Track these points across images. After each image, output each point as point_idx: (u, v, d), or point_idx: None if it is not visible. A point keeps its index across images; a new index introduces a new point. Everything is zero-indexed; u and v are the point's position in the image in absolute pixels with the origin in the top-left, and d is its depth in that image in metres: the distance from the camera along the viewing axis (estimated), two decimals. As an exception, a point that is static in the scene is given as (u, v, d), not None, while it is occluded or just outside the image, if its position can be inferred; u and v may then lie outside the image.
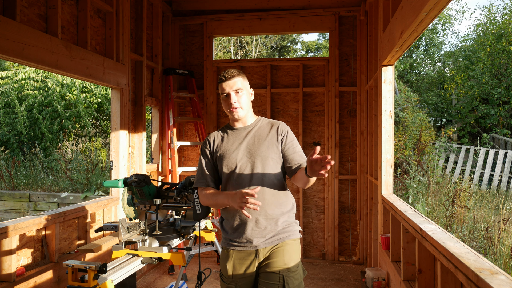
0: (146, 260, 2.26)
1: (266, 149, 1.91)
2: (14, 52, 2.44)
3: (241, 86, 1.92)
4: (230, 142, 1.96)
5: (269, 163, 1.90)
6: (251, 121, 2.00)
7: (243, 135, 1.96)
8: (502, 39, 11.96)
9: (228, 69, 1.99)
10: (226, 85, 1.91)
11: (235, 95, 1.91)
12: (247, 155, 1.91)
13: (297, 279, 1.87)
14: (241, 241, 1.90)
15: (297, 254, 1.92)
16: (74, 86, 9.22)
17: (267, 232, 1.87)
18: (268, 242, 1.88)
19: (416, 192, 6.69)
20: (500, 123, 11.90)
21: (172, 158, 4.53)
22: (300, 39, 21.09)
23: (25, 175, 8.00)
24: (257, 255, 1.88)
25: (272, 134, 1.95)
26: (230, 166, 1.91)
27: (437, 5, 1.79)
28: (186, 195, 2.32)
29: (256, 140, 1.93)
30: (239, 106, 1.92)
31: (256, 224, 1.86)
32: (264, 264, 1.87)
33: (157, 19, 4.67)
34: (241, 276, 1.90)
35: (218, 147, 1.98)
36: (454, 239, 1.86)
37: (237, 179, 1.89)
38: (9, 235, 2.52)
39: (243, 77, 1.96)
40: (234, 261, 1.91)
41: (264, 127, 1.98)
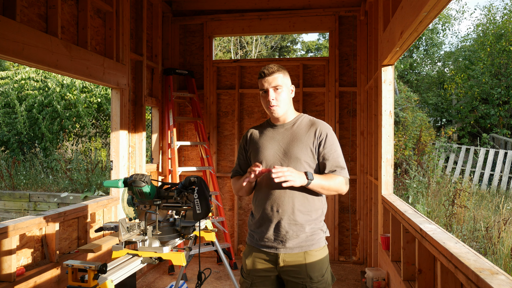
0: (146, 260, 2.26)
1: (300, 151, 1.83)
2: (14, 52, 2.44)
3: (281, 83, 1.84)
4: (266, 139, 1.91)
5: (301, 166, 1.82)
6: (290, 119, 1.92)
7: (280, 132, 1.90)
8: (502, 39, 11.96)
9: (269, 64, 1.94)
10: (265, 81, 1.85)
11: (274, 92, 1.84)
12: (280, 154, 1.85)
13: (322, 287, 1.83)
14: (262, 241, 1.87)
15: (321, 263, 1.86)
16: (74, 86, 9.22)
17: (288, 237, 1.81)
18: (289, 249, 1.82)
19: (416, 192, 6.69)
20: (500, 123, 11.90)
21: (172, 158, 4.53)
22: (300, 39, 21.10)
23: (25, 175, 8.00)
24: (277, 260, 1.84)
25: (309, 136, 1.85)
26: (260, 162, 1.86)
27: (437, 5, 1.79)
28: (186, 195, 2.32)
29: (292, 140, 1.86)
30: (277, 104, 1.84)
31: (277, 227, 1.82)
32: (287, 270, 1.83)
33: (157, 19, 4.67)
34: (257, 274, 1.88)
35: (253, 143, 1.95)
36: (454, 239, 1.86)
37: (265, 177, 1.85)
38: (9, 235, 2.52)
39: (284, 73, 1.88)
40: (253, 258, 1.89)
41: (303, 126, 1.89)
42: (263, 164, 1.87)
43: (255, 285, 1.89)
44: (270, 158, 1.86)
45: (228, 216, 5.00)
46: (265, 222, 1.85)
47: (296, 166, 1.81)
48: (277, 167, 1.69)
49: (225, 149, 5.04)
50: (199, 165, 4.99)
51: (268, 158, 1.86)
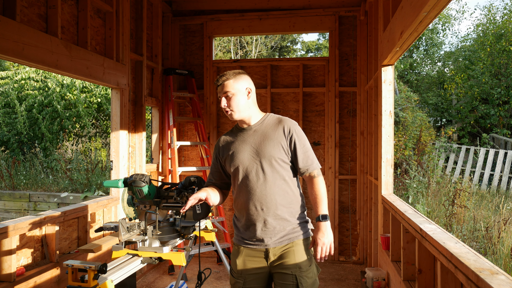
0: (146, 260, 2.26)
1: (272, 149, 1.89)
2: (14, 52, 2.44)
3: (230, 89, 1.90)
4: (237, 143, 1.96)
5: (275, 163, 1.89)
6: (256, 120, 1.98)
7: (249, 134, 1.96)
8: (502, 39, 11.96)
9: (225, 71, 2.01)
10: (219, 90, 1.94)
11: (225, 99, 1.92)
12: (253, 155, 1.91)
13: (310, 277, 1.90)
14: (251, 240, 1.92)
15: (308, 253, 1.94)
16: (74, 86, 9.22)
17: (276, 232, 1.89)
18: (278, 242, 1.89)
19: (416, 192, 6.68)
20: (500, 123, 11.90)
21: (172, 158, 4.53)
22: (300, 39, 21.10)
23: (25, 175, 8.00)
24: (268, 254, 1.90)
25: (278, 133, 1.92)
26: (235, 168, 1.93)
27: (437, 5, 1.79)
28: (186, 195, 2.32)
29: (262, 139, 1.92)
30: (230, 110, 1.92)
31: (265, 225, 1.89)
32: (277, 264, 1.90)
33: (157, 19, 4.67)
34: (249, 273, 1.93)
35: (225, 150, 2.00)
36: (454, 239, 1.86)
37: (244, 180, 1.92)
38: (9, 235, 2.52)
39: (235, 78, 1.92)
40: (244, 257, 1.94)
41: (270, 125, 1.95)
42: (240, 167, 1.92)
43: (248, 283, 1.93)
44: (245, 160, 1.92)
45: (228, 216, 5.00)
46: (252, 223, 1.91)
47: (270, 163, 1.88)
48: (318, 250, 1.87)
49: (225, 149, 5.04)
50: (199, 165, 4.99)
51: (242, 161, 1.92)
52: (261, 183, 1.88)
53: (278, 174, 1.90)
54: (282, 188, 1.90)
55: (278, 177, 1.90)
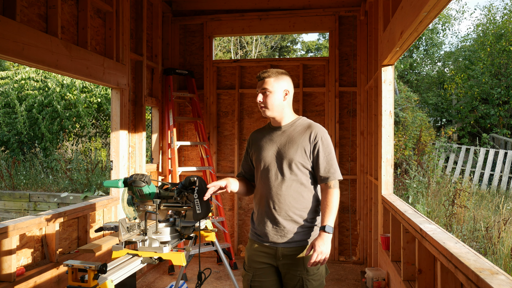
0: (146, 260, 2.26)
1: (294, 153, 1.93)
2: (14, 52, 2.44)
3: (269, 87, 1.96)
4: (265, 140, 2.03)
5: (294, 167, 1.93)
6: (287, 121, 2.02)
7: (278, 134, 2.01)
8: (502, 39, 11.96)
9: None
10: (258, 84, 2.01)
11: (262, 95, 1.98)
12: (275, 155, 1.97)
13: (316, 280, 1.94)
14: (262, 236, 1.98)
15: None
16: (74, 86, 9.22)
17: (286, 232, 1.93)
18: (287, 243, 1.93)
19: (416, 192, 6.68)
20: (500, 123, 11.90)
21: (172, 158, 4.53)
22: (300, 39, 21.10)
23: (25, 175, 8.00)
24: (277, 253, 1.95)
25: (304, 138, 1.94)
26: (259, 163, 2.01)
27: (437, 5, 1.79)
28: (186, 195, 2.32)
29: (287, 141, 1.96)
30: (264, 106, 1.98)
31: (276, 223, 1.94)
32: (285, 263, 1.94)
33: (157, 19, 4.67)
34: (258, 267, 1.99)
35: (255, 145, 2.07)
36: (454, 239, 1.86)
37: (263, 177, 1.98)
38: (9, 235, 2.52)
39: (277, 77, 1.97)
40: (255, 252, 2.00)
41: (299, 129, 1.98)
42: (262, 164, 1.99)
43: (256, 276, 2.00)
44: (267, 158, 1.98)
45: (228, 216, 5.00)
46: (264, 219, 1.97)
47: (290, 166, 1.93)
48: (313, 256, 1.82)
49: (225, 149, 5.04)
50: (199, 165, 4.99)
51: (265, 158, 1.99)
52: (278, 183, 1.93)
53: (296, 177, 1.93)
54: (298, 191, 1.93)
55: (295, 180, 1.93)
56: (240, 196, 2.10)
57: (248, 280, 2.01)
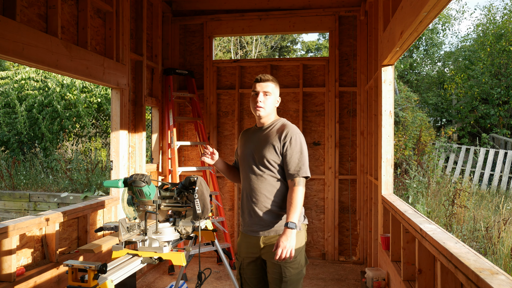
0: (146, 260, 2.26)
1: (266, 150, 2.13)
2: (14, 52, 2.44)
3: (271, 91, 2.16)
4: (247, 139, 2.25)
5: (267, 163, 2.12)
6: (268, 122, 2.22)
7: (257, 134, 2.22)
8: (502, 39, 11.96)
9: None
10: (259, 85, 2.16)
11: (263, 96, 2.15)
12: (252, 152, 2.17)
13: (294, 268, 2.08)
14: (245, 226, 2.20)
15: (296, 245, 2.05)
16: (74, 86, 9.22)
17: (264, 223, 2.12)
18: (267, 232, 2.12)
19: (416, 192, 6.68)
20: (500, 123, 11.90)
21: (172, 158, 4.53)
22: (300, 39, 21.10)
23: (25, 175, 8.00)
24: (258, 242, 2.13)
25: (276, 137, 2.13)
26: (240, 160, 2.24)
27: (437, 5, 1.79)
28: (186, 195, 2.32)
29: (263, 140, 2.16)
30: (263, 106, 2.15)
31: (255, 214, 2.13)
32: (266, 252, 2.12)
33: (157, 19, 4.67)
34: (245, 256, 2.20)
35: (240, 142, 2.32)
36: (454, 239, 1.86)
37: (243, 173, 2.22)
38: (9, 235, 2.52)
39: (276, 84, 2.22)
40: (242, 242, 2.22)
41: (275, 129, 2.17)
42: (242, 160, 2.23)
43: (244, 264, 2.21)
44: (247, 156, 2.19)
45: (228, 216, 5.00)
46: (245, 210, 2.20)
47: (261, 162, 2.13)
48: (278, 252, 1.96)
49: (225, 149, 5.04)
50: (199, 165, 4.99)
51: (245, 155, 2.20)
52: (254, 178, 2.14)
53: (270, 172, 2.12)
54: (273, 184, 2.12)
55: (269, 174, 2.12)
56: (225, 176, 2.31)
57: (239, 268, 2.24)
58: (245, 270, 2.21)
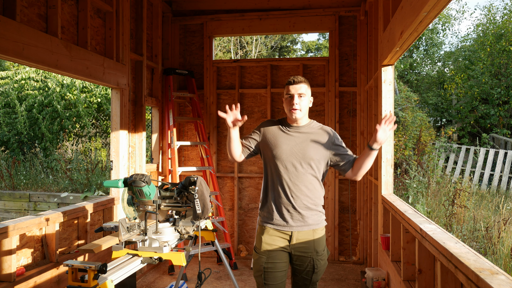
0: (146, 260, 2.26)
1: (313, 150, 2.18)
2: (14, 52, 2.44)
3: (305, 92, 2.21)
4: (283, 135, 2.23)
5: (311, 163, 2.18)
6: (304, 123, 2.26)
7: (296, 132, 2.23)
8: (502, 39, 11.96)
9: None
10: (293, 88, 2.21)
11: (298, 98, 2.19)
12: (295, 151, 2.18)
13: (323, 259, 2.23)
14: (279, 221, 2.19)
15: (323, 240, 2.25)
16: (74, 86, 9.22)
17: (300, 218, 2.17)
18: (300, 227, 2.17)
19: (416, 192, 6.68)
20: (500, 123, 11.90)
21: (172, 158, 4.53)
22: (300, 39, 21.10)
23: (25, 175, 8.00)
24: (291, 237, 2.17)
25: (323, 137, 2.22)
26: (278, 158, 2.20)
27: (437, 5, 1.79)
28: (186, 195, 2.32)
29: (306, 140, 2.20)
30: (299, 108, 2.19)
31: (293, 209, 2.16)
32: (297, 247, 2.18)
33: (157, 19, 4.67)
34: (272, 249, 2.19)
35: (269, 135, 2.26)
36: (454, 239, 1.86)
37: (283, 172, 2.18)
38: (9, 235, 2.52)
39: (308, 85, 2.27)
40: (269, 236, 2.20)
41: (315, 130, 2.25)
42: (282, 157, 2.19)
43: (270, 258, 2.19)
44: (287, 153, 2.18)
45: (228, 216, 5.00)
46: (280, 205, 2.20)
47: (308, 162, 2.17)
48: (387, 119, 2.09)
49: (225, 149, 5.04)
50: (199, 165, 4.99)
51: (285, 152, 2.19)
52: (295, 176, 2.16)
53: (310, 172, 2.18)
54: (312, 183, 2.19)
55: (309, 174, 2.18)
56: (232, 155, 2.25)
57: (262, 263, 2.19)
58: (271, 265, 2.19)
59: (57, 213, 2.98)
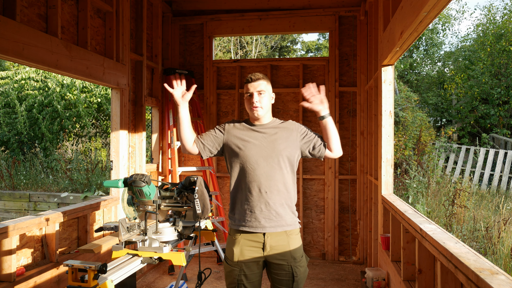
0: (146, 260, 2.26)
1: (280, 146, 2.09)
2: (14, 52, 2.44)
3: (264, 89, 2.12)
4: (248, 135, 2.13)
5: (280, 159, 2.08)
6: (268, 121, 2.18)
7: (260, 131, 2.14)
8: (502, 39, 11.96)
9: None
10: (251, 86, 2.12)
11: (258, 96, 2.10)
12: (262, 150, 2.09)
13: (302, 266, 2.09)
14: (251, 222, 2.05)
15: (299, 246, 2.11)
16: (74, 86, 9.22)
17: (274, 216, 2.05)
18: (273, 228, 2.04)
19: (416, 192, 6.68)
20: (500, 123, 11.90)
21: (172, 158, 4.53)
22: (300, 39, 21.10)
23: (25, 175, 8.00)
24: (265, 244, 2.04)
25: (288, 132, 2.14)
26: (246, 157, 2.09)
27: (437, 5, 1.79)
28: (186, 195, 2.32)
29: (271, 137, 2.12)
30: (259, 106, 2.10)
31: (266, 207, 2.04)
32: (272, 254, 2.05)
33: (157, 19, 4.67)
34: (246, 260, 2.06)
35: (234, 134, 2.15)
36: (454, 239, 1.86)
37: (254, 173, 2.07)
38: (9, 235, 2.52)
39: (267, 81, 2.17)
40: (242, 246, 2.07)
41: (279, 125, 2.17)
42: (251, 156, 2.07)
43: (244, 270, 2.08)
44: (255, 151, 2.09)
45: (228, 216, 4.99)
46: (251, 207, 2.08)
47: (278, 159, 2.07)
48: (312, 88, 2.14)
49: (225, 149, 5.04)
50: (199, 165, 4.99)
51: (253, 151, 2.09)
52: (265, 175, 2.06)
53: (280, 169, 2.08)
54: (283, 181, 2.08)
55: (280, 172, 2.08)
56: (184, 142, 2.14)
57: (235, 275, 2.06)
58: (243, 277, 2.06)
59: (57, 213, 2.98)
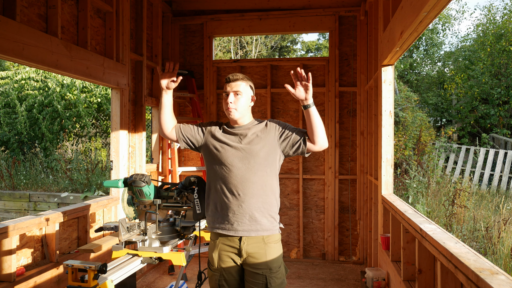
0: (146, 260, 2.27)
1: (259, 148, 2.00)
2: (14, 52, 2.44)
3: (242, 90, 2.02)
4: (226, 137, 2.05)
5: (258, 160, 1.98)
6: (246, 122, 2.08)
7: (239, 133, 2.04)
8: (502, 39, 11.96)
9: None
10: (229, 85, 2.03)
11: (233, 96, 2.01)
12: (240, 151, 1.99)
13: (279, 278, 1.98)
14: (225, 225, 1.99)
15: (278, 255, 2.01)
16: (74, 86, 9.22)
17: (248, 220, 1.95)
18: (247, 232, 1.95)
19: (416, 192, 6.68)
20: (500, 123, 11.90)
21: (172, 158, 4.53)
22: (300, 39, 21.10)
23: (25, 175, 8.00)
24: (240, 249, 1.97)
25: (266, 131, 2.04)
26: (223, 159, 2.00)
27: (437, 5, 1.79)
28: (186, 195, 2.32)
29: (249, 138, 2.02)
30: (233, 107, 2.01)
31: (239, 210, 1.95)
32: (248, 263, 1.97)
33: (157, 19, 4.67)
34: (225, 266, 2.03)
35: (213, 135, 2.07)
36: (454, 239, 1.86)
37: (229, 175, 1.98)
38: (9, 235, 2.52)
39: (247, 82, 2.06)
40: (221, 251, 2.05)
41: (256, 126, 2.07)
42: (227, 158, 1.99)
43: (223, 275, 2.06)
44: (233, 152, 2.00)
45: (228, 216, 5.00)
46: (224, 207, 2.01)
47: (256, 161, 1.98)
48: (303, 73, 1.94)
49: (225, 149, 5.04)
50: (199, 165, 4.99)
51: (231, 152, 2.00)
52: (243, 178, 1.96)
53: (260, 171, 1.98)
54: (262, 184, 1.98)
55: (259, 174, 1.98)
56: (162, 112, 2.25)
57: (216, 280, 2.05)
58: (223, 282, 2.05)
59: (57, 213, 2.98)
